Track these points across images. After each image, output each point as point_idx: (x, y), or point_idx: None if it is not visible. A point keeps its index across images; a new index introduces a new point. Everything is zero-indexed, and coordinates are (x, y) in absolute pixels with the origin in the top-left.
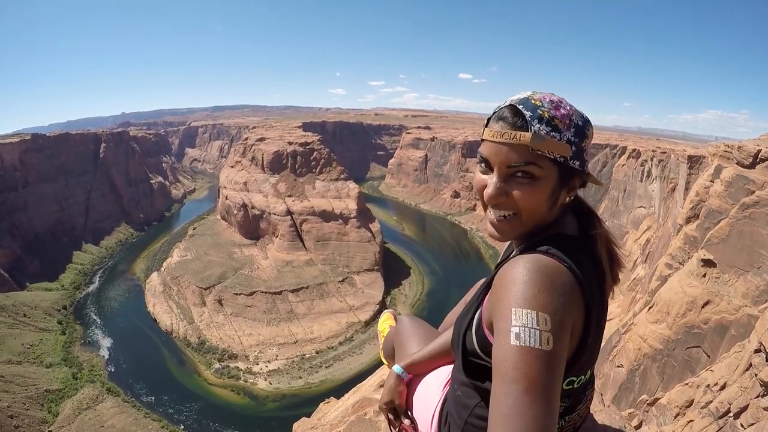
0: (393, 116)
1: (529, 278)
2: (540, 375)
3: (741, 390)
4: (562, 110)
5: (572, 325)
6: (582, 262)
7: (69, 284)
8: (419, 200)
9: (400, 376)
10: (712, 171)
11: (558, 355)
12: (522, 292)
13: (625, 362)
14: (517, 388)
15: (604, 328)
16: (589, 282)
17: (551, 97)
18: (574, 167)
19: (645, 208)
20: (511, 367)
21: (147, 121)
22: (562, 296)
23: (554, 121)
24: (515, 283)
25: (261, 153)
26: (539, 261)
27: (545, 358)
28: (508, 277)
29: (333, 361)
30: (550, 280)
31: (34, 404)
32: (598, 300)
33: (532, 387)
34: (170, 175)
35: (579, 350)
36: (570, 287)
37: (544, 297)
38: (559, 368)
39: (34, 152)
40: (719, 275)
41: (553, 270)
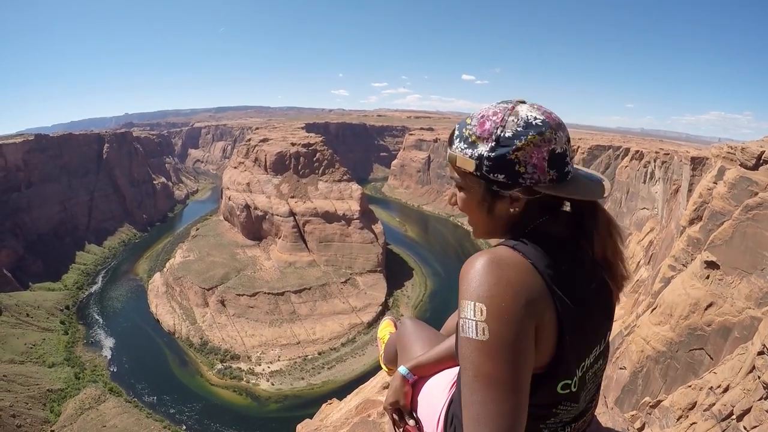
0: (396, 117)
1: (476, 269)
2: (482, 364)
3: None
4: (486, 125)
5: (529, 317)
6: (555, 258)
7: (72, 284)
8: (422, 201)
9: (406, 378)
10: (715, 172)
11: (500, 344)
12: (467, 284)
13: (628, 364)
14: (468, 376)
15: (598, 332)
16: (560, 277)
17: (487, 112)
18: (495, 179)
19: (648, 209)
20: (462, 357)
21: (150, 122)
22: (507, 285)
23: (471, 138)
24: (466, 274)
25: (264, 154)
26: (494, 252)
27: (483, 349)
28: (463, 269)
29: (335, 362)
30: (496, 269)
31: (36, 404)
32: (579, 300)
33: (479, 375)
34: (173, 175)
35: (560, 349)
36: (520, 278)
37: (484, 287)
38: (506, 356)
39: (38, 153)
40: (722, 277)
41: (503, 260)
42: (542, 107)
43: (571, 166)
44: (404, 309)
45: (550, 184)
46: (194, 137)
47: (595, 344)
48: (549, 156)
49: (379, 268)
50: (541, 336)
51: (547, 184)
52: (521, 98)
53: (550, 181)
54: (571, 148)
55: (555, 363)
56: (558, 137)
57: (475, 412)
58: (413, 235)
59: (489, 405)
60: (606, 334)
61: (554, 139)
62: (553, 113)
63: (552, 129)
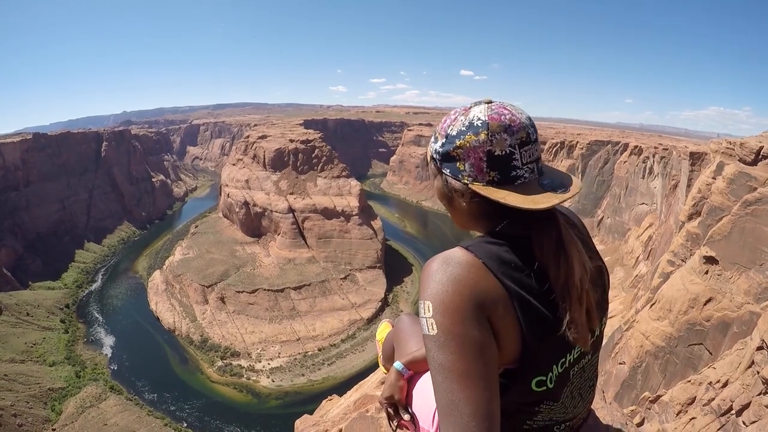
0: (394, 113)
1: (428, 271)
2: (437, 357)
3: (743, 387)
4: (445, 123)
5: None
6: (518, 258)
7: (71, 283)
8: (421, 197)
9: (401, 372)
10: (714, 168)
11: (447, 336)
12: (421, 285)
13: (627, 359)
14: (431, 370)
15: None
16: (521, 276)
17: (450, 112)
18: (444, 173)
19: (647, 205)
20: (426, 351)
21: (148, 120)
22: (449, 282)
23: (435, 134)
24: (421, 276)
25: (263, 151)
26: (446, 253)
27: (434, 342)
28: (422, 271)
29: (335, 358)
30: (443, 268)
31: (37, 403)
32: (543, 297)
33: (436, 367)
34: (172, 173)
35: (525, 346)
36: (466, 272)
37: (431, 286)
38: (456, 347)
39: (36, 151)
40: (721, 272)
41: (452, 259)
42: (500, 108)
43: (527, 170)
44: (404, 305)
45: (488, 185)
46: (193, 134)
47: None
48: (486, 157)
49: (379, 264)
50: (501, 331)
51: (485, 184)
52: (488, 98)
53: (490, 182)
54: (527, 153)
55: (523, 360)
56: (497, 139)
57: (442, 401)
58: (412, 230)
59: (453, 394)
60: (591, 328)
61: (492, 141)
62: (507, 115)
63: (491, 131)
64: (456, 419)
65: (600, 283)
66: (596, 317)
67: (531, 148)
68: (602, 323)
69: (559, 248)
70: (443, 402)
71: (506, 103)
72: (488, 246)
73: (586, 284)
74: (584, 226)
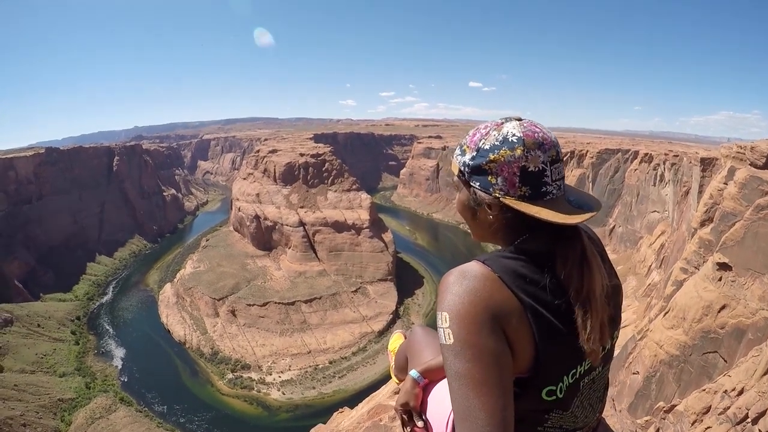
0: (404, 126)
1: (446, 283)
2: (453, 365)
3: (759, 395)
4: (476, 136)
5: (493, 323)
6: (535, 272)
7: (83, 295)
8: (431, 209)
9: (417, 381)
10: (725, 173)
11: (463, 345)
12: (439, 296)
13: (641, 369)
14: (448, 379)
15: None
16: (536, 289)
17: (480, 126)
18: (475, 186)
19: (659, 212)
20: (443, 360)
21: (159, 135)
22: (465, 294)
23: (463, 147)
24: (439, 288)
25: (273, 165)
26: (463, 267)
27: (450, 351)
28: (440, 283)
29: (346, 371)
30: (460, 281)
31: (47, 413)
32: (560, 311)
33: (453, 375)
34: (183, 187)
35: (537, 357)
36: (481, 285)
37: (448, 297)
38: (471, 357)
39: (48, 165)
40: (735, 278)
41: (468, 273)
42: (532, 126)
43: (555, 187)
44: (415, 317)
45: (519, 200)
46: (203, 149)
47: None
48: (520, 172)
49: (390, 276)
50: (515, 342)
51: (516, 198)
52: (518, 116)
53: (521, 197)
54: (556, 170)
55: (535, 370)
56: (532, 155)
57: (458, 408)
58: (423, 243)
59: (469, 401)
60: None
61: (527, 157)
62: (539, 133)
63: (526, 147)
64: (471, 425)
65: (614, 300)
66: (608, 333)
67: (559, 166)
68: (614, 337)
69: (583, 261)
70: (459, 409)
71: (535, 121)
72: (504, 260)
73: (603, 299)
74: (601, 243)
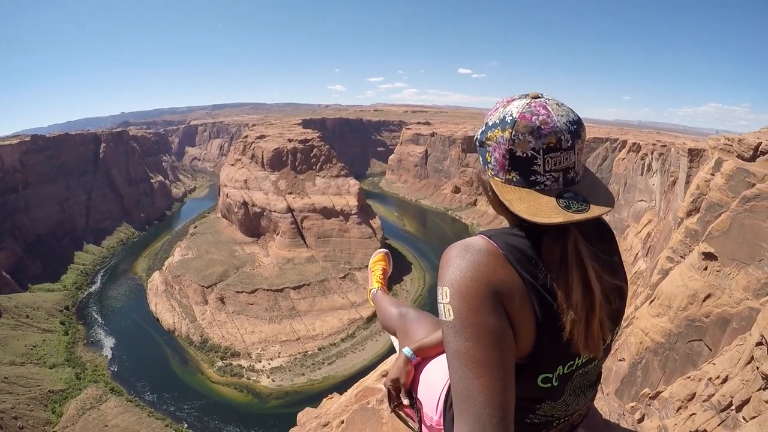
0: (392, 112)
1: (448, 257)
2: (453, 343)
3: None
4: (490, 111)
5: (494, 300)
6: (526, 251)
7: (71, 285)
8: (420, 196)
9: (409, 358)
10: (712, 164)
11: (463, 322)
12: (440, 270)
13: (627, 356)
14: (447, 356)
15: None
16: (529, 266)
17: (506, 100)
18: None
19: (646, 201)
20: (443, 337)
21: (146, 121)
22: (467, 269)
23: (486, 119)
24: (441, 262)
25: (261, 151)
26: (466, 240)
27: (451, 328)
28: (441, 257)
29: (335, 357)
30: (462, 255)
31: (38, 405)
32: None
33: (453, 353)
34: (170, 174)
35: (537, 341)
36: (484, 260)
37: (449, 272)
38: (471, 333)
39: (34, 153)
40: (720, 268)
41: (471, 246)
42: (539, 108)
43: (549, 177)
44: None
45: (506, 184)
46: (191, 135)
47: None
48: (509, 155)
49: None
50: (516, 323)
51: (503, 182)
52: (538, 93)
53: (509, 181)
54: (553, 160)
55: (534, 354)
56: (520, 140)
57: (457, 388)
58: (411, 229)
59: (468, 381)
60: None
61: (514, 141)
62: (542, 117)
63: (515, 130)
64: (470, 406)
65: (615, 300)
66: (608, 329)
67: (560, 156)
68: (615, 332)
69: (562, 265)
70: (458, 388)
71: (553, 102)
72: (510, 237)
73: (596, 301)
74: (612, 240)
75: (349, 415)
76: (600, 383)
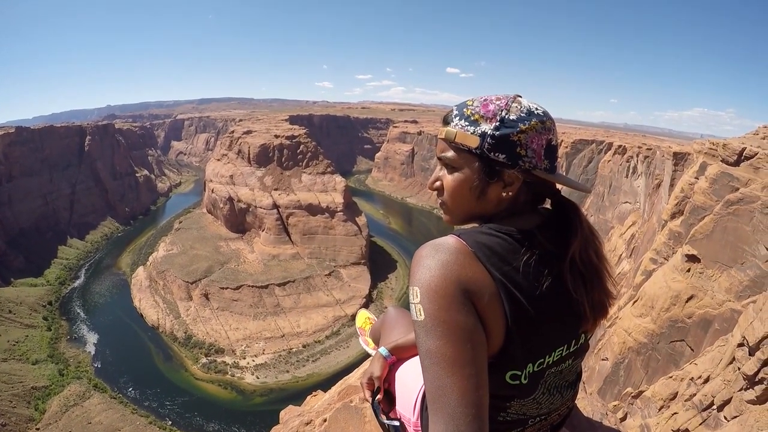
0: (380, 110)
1: (418, 257)
2: (425, 342)
3: (724, 383)
4: (491, 106)
5: (464, 299)
6: (520, 251)
7: (54, 279)
8: (406, 194)
9: (385, 358)
10: (697, 168)
11: (434, 321)
12: (411, 270)
13: (610, 355)
14: (420, 356)
15: (566, 332)
16: (512, 270)
17: (491, 97)
18: (496, 159)
19: (630, 203)
20: (415, 337)
21: (132, 114)
22: (437, 268)
23: (473, 117)
24: (413, 262)
25: (247, 146)
26: (436, 240)
27: (422, 328)
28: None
29: (320, 354)
30: (432, 254)
31: (20, 402)
32: (537, 296)
33: (425, 353)
34: (156, 168)
35: (507, 340)
36: (454, 259)
37: (420, 271)
38: (442, 333)
39: (18, 145)
40: (703, 270)
41: (441, 246)
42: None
43: (557, 164)
44: (388, 301)
45: (545, 173)
46: (177, 129)
47: (561, 343)
48: (546, 145)
49: (363, 260)
50: (486, 320)
51: (542, 172)
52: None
53: (544, 170)
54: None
55: (503, 351)
56: (555, 130)
57: (430, 387)
58: (397, 227)
59: (440, 380)
60: (577, 335)
61: (552, 130)
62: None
63: (551, 121)
64: (443, 405)
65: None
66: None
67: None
68: (587, 335)
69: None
70: (431, 387)
71: None
72: (480, 236)
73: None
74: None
75: (332, 414)
76: (580, 383)
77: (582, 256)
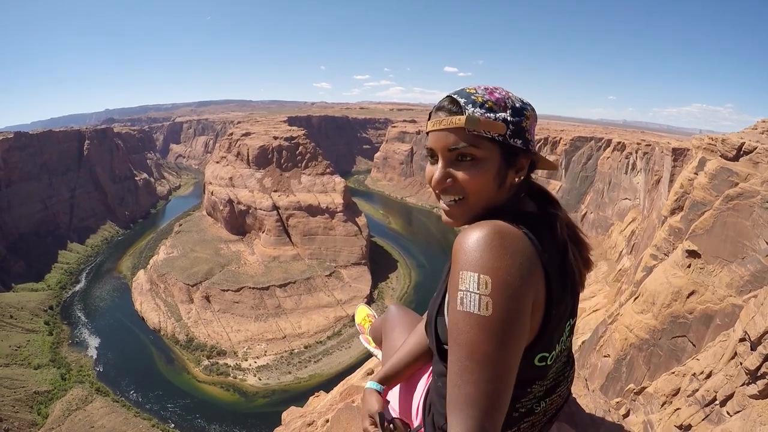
0: (378, 110)
1: (479, 239)
2: (481, 342)
3: (726, 378)
4: (496, 95)
5: (531, 292)
6: (542, 234)
7: (55, 284)
8: (405, 193)
9: (379, 392)
10: (696, 163)
11: (503, 320)
12: (470, 254)
13: (612, 352)
14: (462, 354)
15: (568, 309)
16: (549, 253)
17: (486, 86)
18: (516, 145)
19: (630, 200)
20: (457, 333)
21: (131, 117)
22: (512, 257)
23: (488, 104)
24: (466, 244)
25: (246, 148)
26: (494, 224)
27: (484, 325)
28: (460, 240)
29: (322, 355)
30: (499, 241)
31: (23, 406)
32: (559, 275)
33: (475, 353)
34: (155, 171)
35: (544, 323)
36: (523, 250)
37: (490, 257)
38: (506, 335)
39: (17, 151)
40: (704, 266)
41: (505, 232)
42: None
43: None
44: (389, 301)
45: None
46: (176, 132)
47: (571, 315)
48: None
49: (364, 260)
50: (534, 313)
51: (539, 155)
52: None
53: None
54: None
55: (538, 336)
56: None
57: (465, 392)
58: (397, 227)
59: (482, 385)
60: (575, 308)
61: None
62: None
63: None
64: (477, 414)
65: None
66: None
67: None
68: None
69: (573, 227)
70: (469, 391)
71: None
72: (522, 224)
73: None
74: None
75: (334, 414)
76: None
77: (567, 221)
